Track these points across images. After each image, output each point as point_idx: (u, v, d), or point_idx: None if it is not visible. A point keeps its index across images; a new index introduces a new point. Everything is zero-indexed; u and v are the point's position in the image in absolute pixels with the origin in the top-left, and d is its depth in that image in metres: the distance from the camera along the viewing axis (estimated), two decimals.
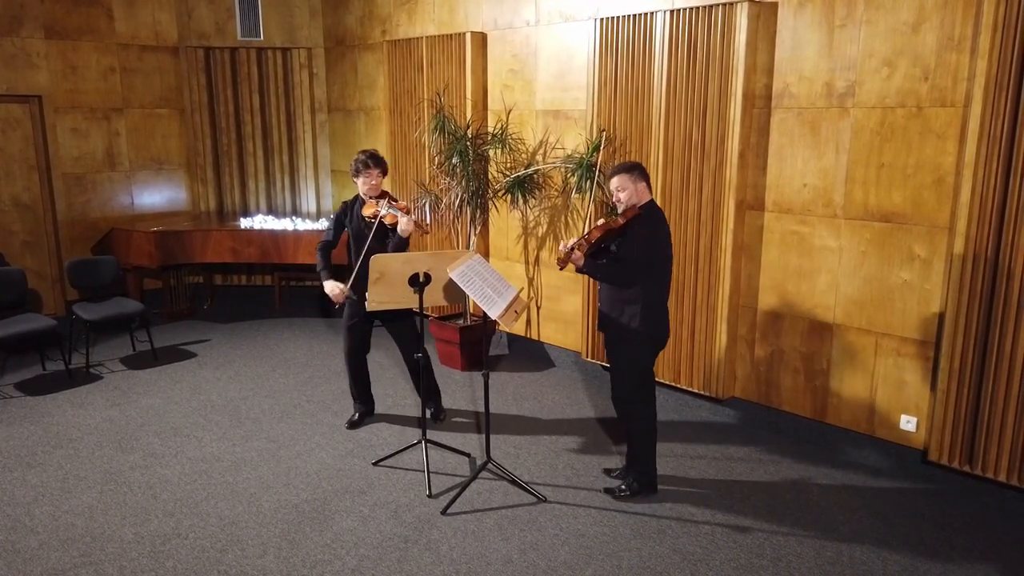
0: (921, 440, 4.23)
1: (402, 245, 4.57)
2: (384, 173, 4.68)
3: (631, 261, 3.83)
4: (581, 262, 3.85)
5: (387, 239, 4.60)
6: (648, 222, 3.83)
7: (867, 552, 3.58)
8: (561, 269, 3.95)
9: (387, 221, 4.55)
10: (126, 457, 4.55)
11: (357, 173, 4.63)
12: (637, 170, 3.88)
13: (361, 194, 4.69)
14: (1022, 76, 3.55)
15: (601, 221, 3.92)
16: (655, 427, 4.03)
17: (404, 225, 4.50)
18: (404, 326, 4.81)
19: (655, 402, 4.03)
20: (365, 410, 5.06)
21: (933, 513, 3.93)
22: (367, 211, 4.59)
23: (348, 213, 4.76)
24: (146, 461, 4.50)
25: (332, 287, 4.63)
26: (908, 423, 4.26)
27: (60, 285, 7.32)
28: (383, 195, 4.67)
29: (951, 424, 4.00)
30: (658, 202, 4.94)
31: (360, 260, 4.51)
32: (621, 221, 3.84)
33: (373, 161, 4.61)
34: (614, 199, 3.91)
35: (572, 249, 3.82)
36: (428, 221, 4.79)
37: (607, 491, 4.09)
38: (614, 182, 3.89)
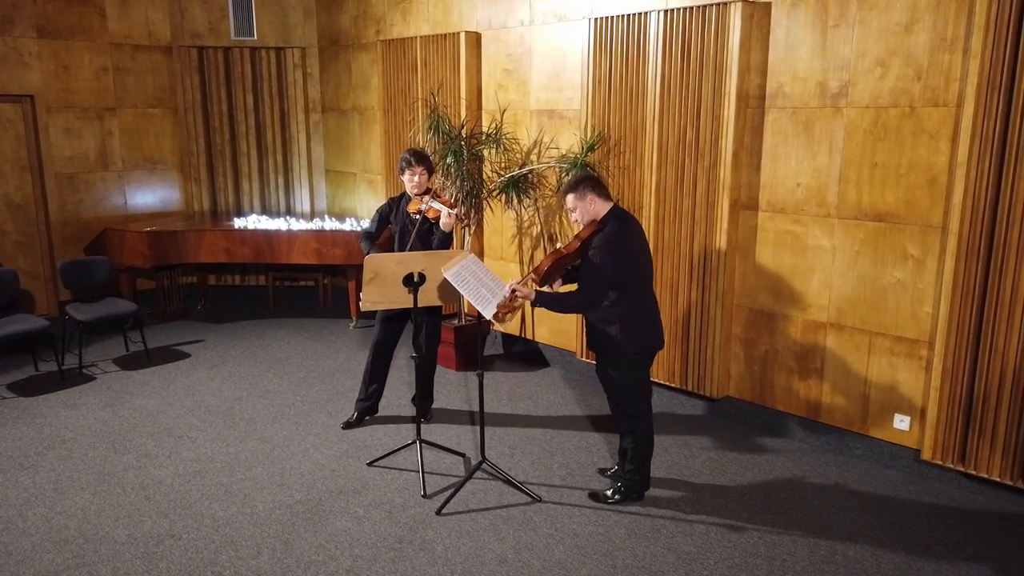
0: (914, 439, 4.24)
1: (446, 240, 4.59)
2: (429, 171, 4.73)
3: (589, 287, 3.69)
4: (532, 297, 3.66)
5: (431, 235, 4.62)
6: (606, 240, 3.65)
7: (861, 551, 3.59)
8: (503, 319, 3.67)
9: (430, 215, 4.59)
10: (119, 458, 4.54)
11: (402, 171, 4.69)
12: (582, 184, 3.71)
13: (407, 191, 4.72)
14: (1014, 76, 3.57)
15: (558, 245, 3.77)
16: (651, 437, 3.98)
17: (445, 219, 4.52)
18: (430, 323, 4.80)
19: (651, 411, 3.97)
20: (367, 409, 5.02)
21: (926, 512, 3.94)
22: (412, 207, 4.64)
23: (394, 209, 4.80)
24: (139, 462, 4.48)
25: None
26: (901, 422, 4.27)
27: (53, 285, 7.29)
28: (428, 192, 4.70)
29: (944, 423, 4.02)
30: (652, 202, 4.95)
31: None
32: (576, 244, 3.69)
33: (416, 159, 4.66)
34: (572, 218, 3.80)
35: (514, 291, 3.60)
36: (464, 213, 4.76)
37: (592, 496, 4.05)
38: (566, 202, 3.75)
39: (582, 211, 3.74)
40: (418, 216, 4.60)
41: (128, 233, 6.93)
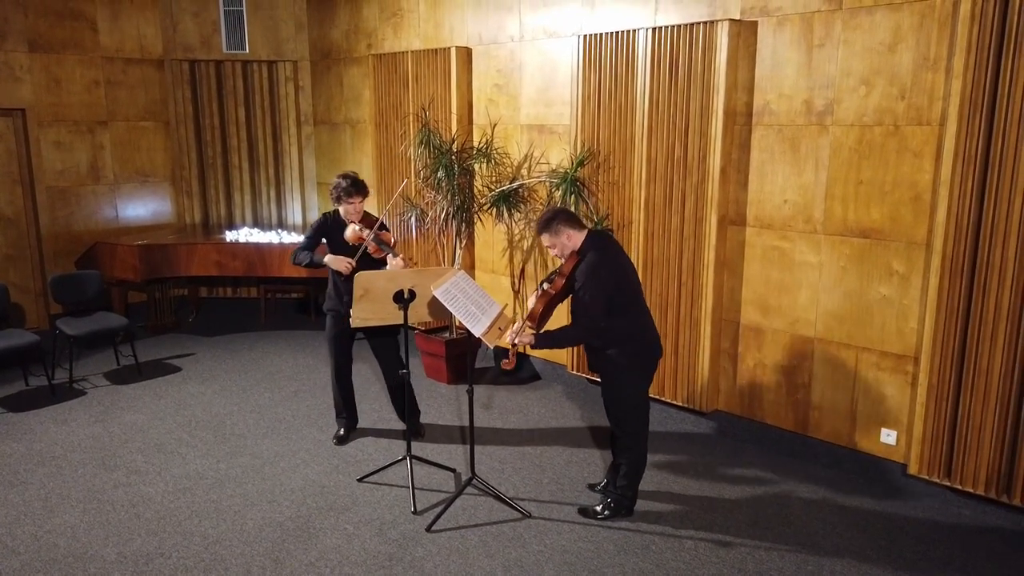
0: (901, 453, 4.28)
1: None
2: (365, 197, 4.64)
3: (585, 319, 3.72)
4: (533, 342, 3.71)
5: (372, 265, 4.56)
6: (588, 270, 3.68)
7: (847, 565, 3.61)
8: (511, 368, 3.75)
9: (374, 256, 4.56)
10: (109, 475, 4.53)
11: (339, 200, 4.57)
12: (555, 220, 3.73)
13: (344, 216, 4.64)
14: (995, 96, 3.62)
15: (545, 286, 3.81)
16: (645, 454, 4.01)
17: (394, 264, 4.48)
18: (387, 342, 4.81)
19: (648, 431, 3.99)
20: (350, 424, 5.06)
21: (913, 526, 3.97)
22: (348, 236, 4.55)
23: (328, 227, 4.70)
24: (129, 479, 4.48)
25: (338, 259, 4.54)
26: (888, 436, 4.31)
27: (43, 300, 7.27)
28: (366, 217, 4.67)
29: (930, 438, 4.05)
30: (641, 217, 4.99)
31: (343, 280, 4.49)
32: (561, 282, 3.74)
33: (355, 188, 4.55)
34: (552, 254, 3.85)
35: (514, 344, 3.66)
36: (412, 258, 4.87)
37: (582, 511, 4.07)
38: (542, 240, 3.80)
39: (560, 247, 3.77)
40: (357, 245, 4.54)
41: (119, 246, 6.93)
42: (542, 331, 3.81)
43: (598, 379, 4.07)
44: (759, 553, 3.72)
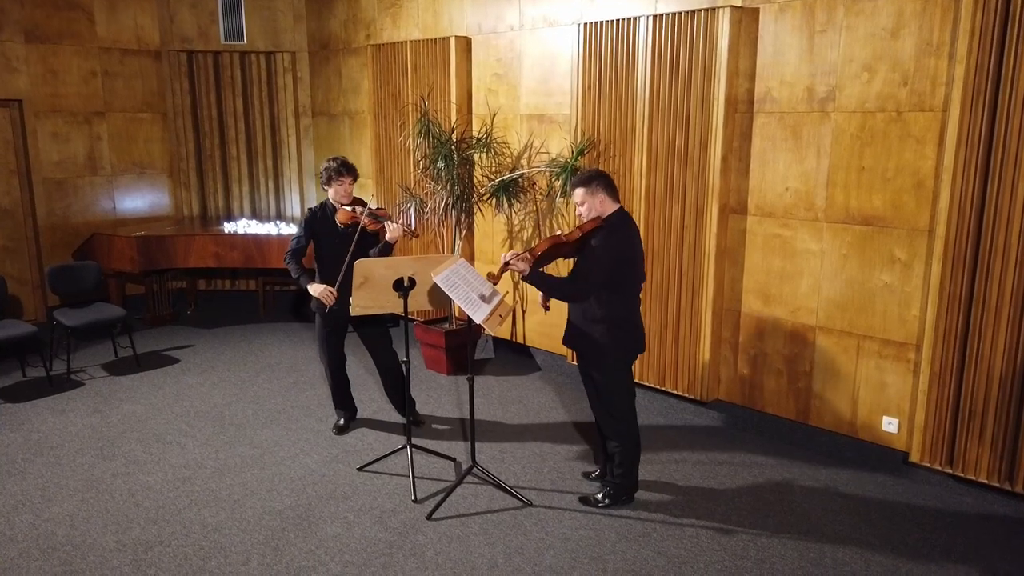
0: (903, 441, 4.27)
1: (387, 251, 4.55)
2: (355, 179, 4.66)
3: (582, 280, 3.71)
4: (526, 271, 3.66)
5: (369, 246, 4.58)
6: (607, 237, 3.68)
7: (850, 553, 3.60)
8: (495, 283, 3.73)
9: (370, 229, 4.53)
10: (108, 464, 4.51)
11: (329, 181, 4.59)
12: (595, 180, 3.71)
13: (332, 201, 4.65)
14: (999, 81, 3.60)
15: (559, 232, 3.76)
16: (638, 438, 3.98)
17: (394, 232, 4.47)
18: (377, 332, 4.80)
19: (635, 413, 3.97)
20: (349, 415, 5.05)
21: (915, 514, 3.96)
22: (342, 218, 4.55)
23: (316, 221, 4.67)
24: (128, 468, 4.46)
25: (321, 289, 4.53)
26: (890, 424, 4.30)
27: (41, 291, 7.24)
28: (356, 201, 4.65)
29: (932, 426, 4.04)
30: (641, 207, 4.97)
31: (344, 268, 4.45)
32: (577, 235, 3.70)
33: (345, 169, 4.59)
34: (577, 211, 3.79)
35: (507, 263, 3.63)
36: (413, 225, 4.84)
37: (583, 500, 4.06)
38: (575, 195, 3.75)
39: (590, 206, 3.72)
40: (349, 227, 4.52)
41: (117, 238, 6.90)
42: (538, 269, 3.77)
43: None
44: (761, 540, 3.70)
